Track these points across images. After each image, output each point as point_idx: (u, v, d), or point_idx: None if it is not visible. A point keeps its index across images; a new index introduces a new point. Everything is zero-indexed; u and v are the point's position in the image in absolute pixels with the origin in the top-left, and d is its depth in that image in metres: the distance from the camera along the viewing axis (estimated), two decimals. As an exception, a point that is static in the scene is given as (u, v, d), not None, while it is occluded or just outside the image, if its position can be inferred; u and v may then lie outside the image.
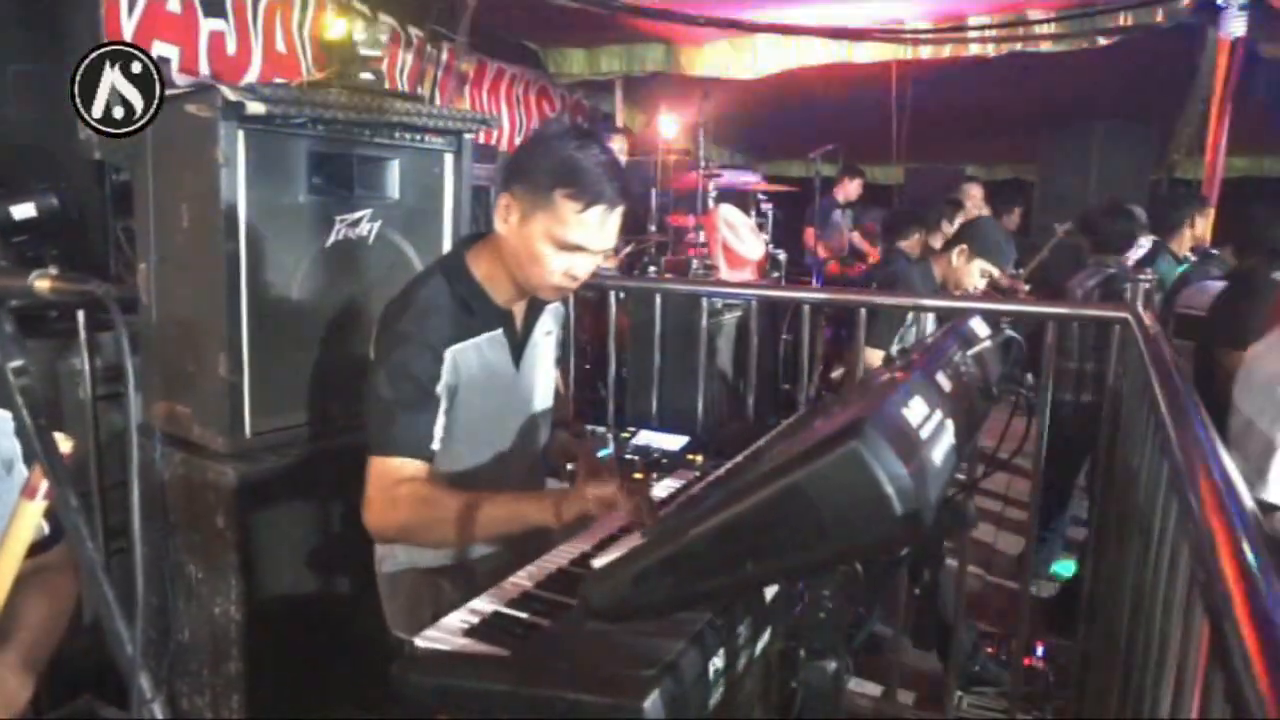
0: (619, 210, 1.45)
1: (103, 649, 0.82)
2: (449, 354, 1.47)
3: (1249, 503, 0.75)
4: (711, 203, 4.95)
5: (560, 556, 1.35)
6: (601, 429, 2.75)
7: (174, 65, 3.66)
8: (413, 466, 1.42)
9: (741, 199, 5.61)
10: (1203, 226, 4.06)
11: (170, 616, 1.99)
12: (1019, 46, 4.87)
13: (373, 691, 1.74)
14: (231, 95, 1.69)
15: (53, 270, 0.73)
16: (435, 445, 1.45)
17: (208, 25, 3.91)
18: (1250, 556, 0.63)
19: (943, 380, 1.07)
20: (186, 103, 1.75)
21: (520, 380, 1.63)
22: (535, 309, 1.65)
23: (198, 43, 3.86)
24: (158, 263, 1.94)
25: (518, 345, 1.61)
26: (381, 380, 1.45)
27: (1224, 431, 2.09)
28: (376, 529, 1.46)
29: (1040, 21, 4.79)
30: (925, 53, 5.11)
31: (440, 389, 1.45)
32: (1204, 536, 0.67)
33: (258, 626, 1.88)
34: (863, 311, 2.50)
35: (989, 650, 2.83)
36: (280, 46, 4.33)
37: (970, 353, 1.30)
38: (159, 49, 3.58)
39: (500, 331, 1.57)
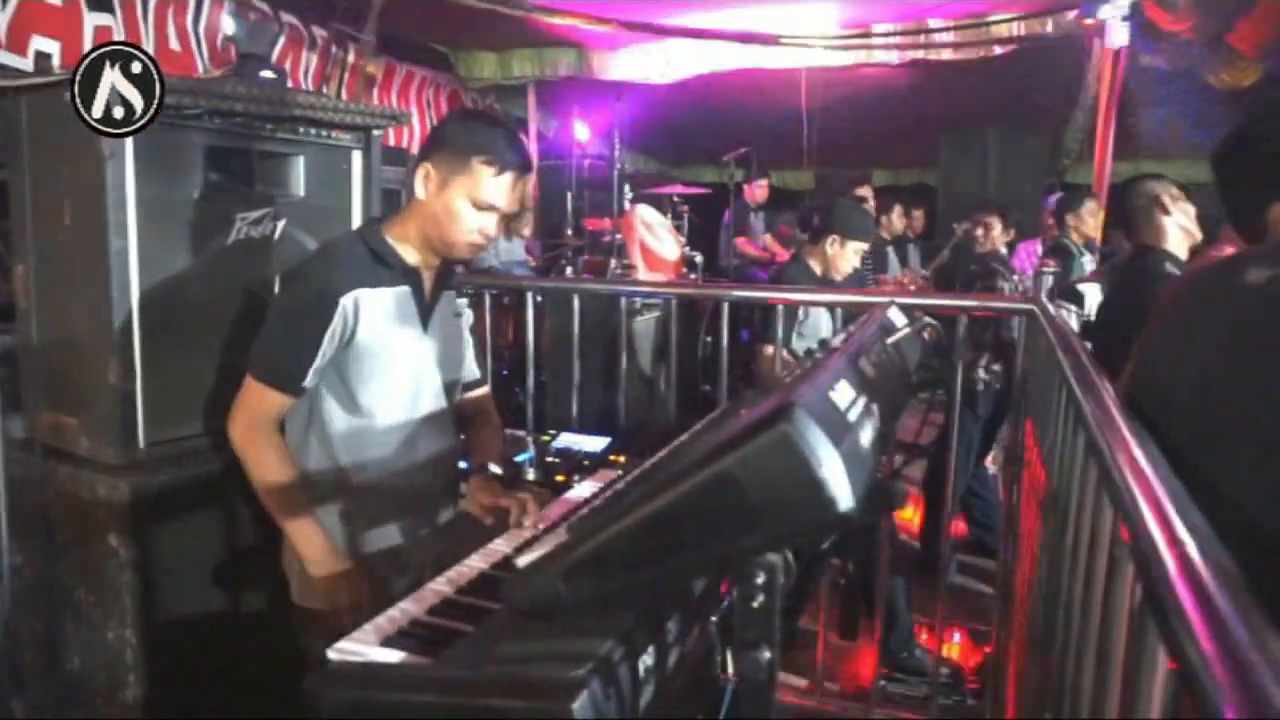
0: (526, 177, 1.63)
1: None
2: (354, 295, 1.56)
3: (1163, 460, 0.77)
4: (628, 204, 4.96)
5: (480, 560, 1.30)
6: (521, 433, 2.71)
7: (55, 62, 3.44)
8: (280, 400, 1.57)
9: (657, 202, 5.63)
10: (1092, 225, 4.35)
11: (57, 644, 1.85)
12: (921, 54, 5.03)
13: (285, 713, 1.65)
14: (118, 84, 1.59)
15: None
16: (307, 383, 1.57)
17: (92, 19, 3.69)
18: (1171, 506, 0.63)
19: (866, 366, 1.08)
20: (67, 91, 1.63)
21: (427, 343, 1.70)
22: (441, 282, 1.74)
23: (82, 37, 3.64)
24: (37, 264, 1.81)
25: (425, 308, 1.69)
26: (273, 312, 1.60)
27: None
28: (233, 442, 1.60)
29: (940, 30, 4.96)
30: (834, 59, 5.24)
31: (328, 333, 1.54)
32: (1126, 492, 0.68)
33: (156, 651, 1.76)
34: (759, 310, 2.58)
35: (921, 640, 2.88)
36: (174, 44, 4.13)
37: (890, 341, 1.32)
38: (38, 44, 3.37)
39: (408, 290, 1.66)
